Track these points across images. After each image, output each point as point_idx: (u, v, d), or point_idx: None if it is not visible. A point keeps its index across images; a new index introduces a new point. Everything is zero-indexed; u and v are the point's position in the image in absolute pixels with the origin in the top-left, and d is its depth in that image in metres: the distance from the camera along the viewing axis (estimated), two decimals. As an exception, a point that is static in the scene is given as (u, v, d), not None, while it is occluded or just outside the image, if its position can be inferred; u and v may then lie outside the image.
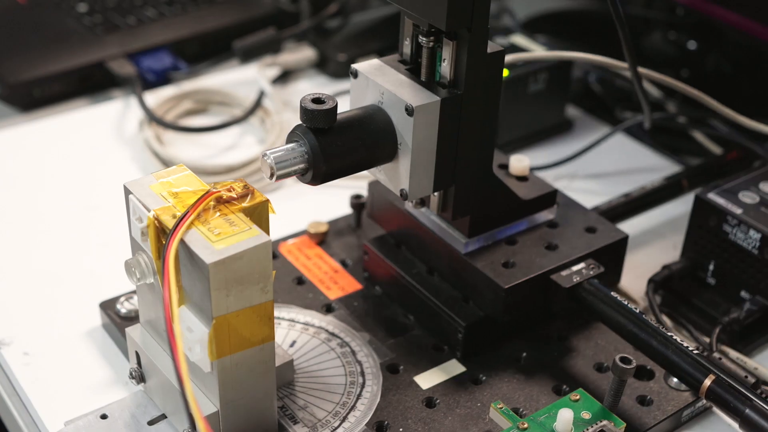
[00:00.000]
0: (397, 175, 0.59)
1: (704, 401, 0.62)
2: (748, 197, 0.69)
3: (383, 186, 0.68)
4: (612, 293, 0.62)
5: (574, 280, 0.62)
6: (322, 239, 0.74)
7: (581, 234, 0.66)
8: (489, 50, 0.57)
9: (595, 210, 0.73)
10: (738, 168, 0.83)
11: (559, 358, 0.64)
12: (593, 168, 0.87)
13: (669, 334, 0.59)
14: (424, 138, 0.57)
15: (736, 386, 0.55)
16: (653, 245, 0.78)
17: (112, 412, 0.58)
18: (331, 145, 0.55)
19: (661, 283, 0.70)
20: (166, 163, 0.84)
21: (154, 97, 0.93)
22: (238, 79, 0.98)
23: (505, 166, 0.68)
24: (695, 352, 0.57)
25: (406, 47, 0.60)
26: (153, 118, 0.88)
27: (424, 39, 0.57)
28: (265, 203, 0.53)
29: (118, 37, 1.00)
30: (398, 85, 0.58)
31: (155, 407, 0.58)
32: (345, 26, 1.05)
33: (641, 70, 0.72)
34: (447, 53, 0.57)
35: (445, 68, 0.57)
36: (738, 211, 0.67)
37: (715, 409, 0.63)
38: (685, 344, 0.58)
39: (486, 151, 0.61)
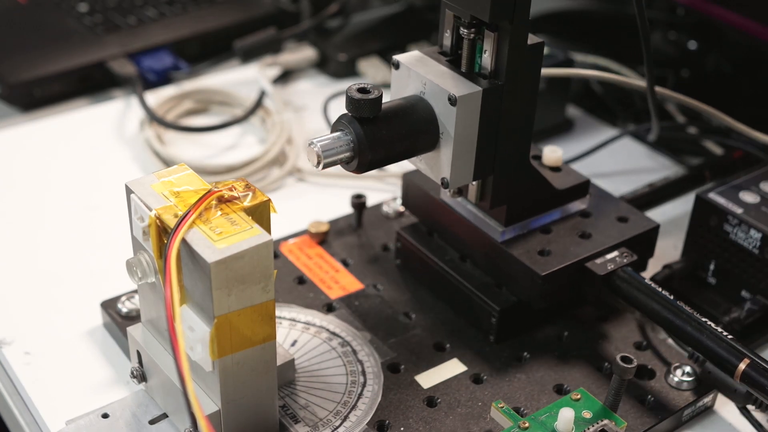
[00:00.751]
0: (438, 164, 0.60)
1: (706, 400, 0.62)
2: (748, 197, 0.69)
3: (417, 177, 0.69)
4: (646, 280, 0.62)
5: (609, 267, 0.63)
6: (323, 239, 0.74)
7: (613, 223, 0.67)
8: (529, 42, 0.58)
9: (622, 198, 0.74)
10: (736, 168, 0.83)
11: (560, 358, 0.64)
12: (594, 168, 0.87)
13: (703, 319, 0.59)
14: (465, 127, 0.58)
15: None
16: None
17: (114, 411, 0.58)
18: (376, 134, 0.56)
19: (662, 282, 0.70)
20: (167, 163, 0.84)
21: (154, 97, 0.93)
22: (239, 79, 0.98)
23: (538, 157, 0.69)
24: (730, 337, 0.58)
25: (446, 39, 0.61)
26: (154, 117, 0.88)
27: (465, 31, 0.58)
28: (267, 203, 0.53)
29: (119, 36, 1.00)
30: (440, 75, 0.59)
31: (156, 406, 0.58)
32: (345, 26, 1.06)
33: (659, 89, 0.73)
34: (488, 45, 0.58)
35: (486, 59, 0.58)
36: (738, 210, 0.67)
37: (716, 410, 0.63)
38: (719, 329, 0.59)
39: (524, 141, 0.62)
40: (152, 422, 0.57)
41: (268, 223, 0.53)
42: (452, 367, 0.63)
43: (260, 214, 0.53)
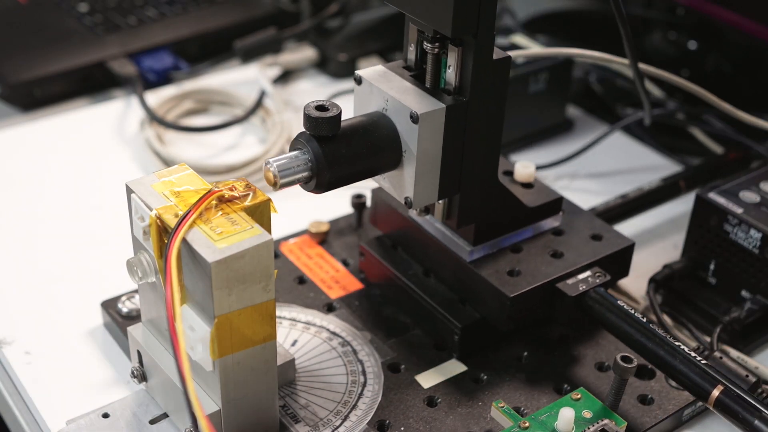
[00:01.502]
0: (401, 183, 0.58)
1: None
2: (748, 197, 0.69)
3: (386, 193, 0.67)
4: (619, 302, 0.61)
5: (580, 288, 0.62)
6: (323, 239, 0.74)
7: (587, 241, 0.65)
8: (495, 56, 0.56)
9: (593, 211, 0.73)
10: (736, 168, 0.83)
11: (560, 358, 0.64)
12: (594, 167, 0.87)
13: (676, 343, 0.58)
14: (429, 145, 0.56)
15: (745, 397, 0.55)
16: (654, 245, 0.78)
17: (114, 411, 0.58)
18: (335, 153, 0.55)
19: (662, 282, 0.70)
20: (168, 163, 0.84)
21: (155, 97, 0.93)
22: (239, 79, 0.98)
23: (510, 173, 0.67)
24: (703, 361, 0.57)
25: (411, 53, 0.60)
26: (154, 117, 0.88)
27: (429, 45, 0.57)
28: (267, 202, 0.53)
29: (119, 36, 1.00)
30: (403, 91, 0.57)
31: (157, 406, 0.58)
32: (345, 26, 1.06)
33: (642, 65, 0.72)
34: (452, 60, 0.56)
35: (450, 75, 0.57)
36: (739, 210, 0.67)
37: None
38: (693, 354, 0.57)
39: (492, 158, 0.60)
40: (153, 422, 0.57)
41: (268, 223, 0.53)
42: (452, 367, 0.63)
43: (261, 213, 0.53)
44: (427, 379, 0.62)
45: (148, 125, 0.88)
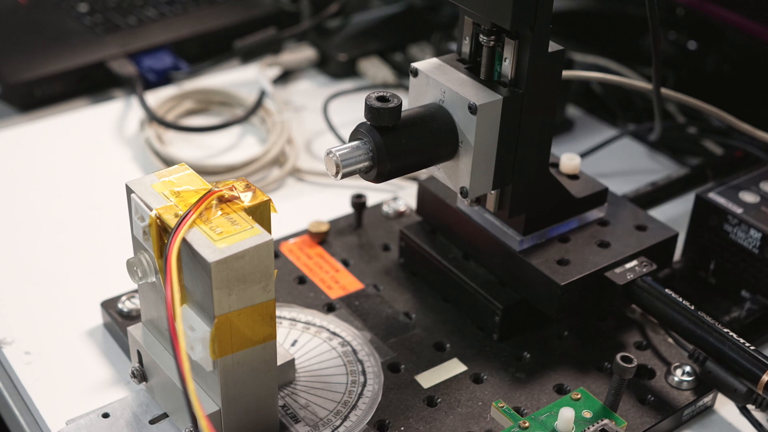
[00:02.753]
0: (457, 173, 0.59)
1: (706, 400, 0.62)
2: (748, 197, 0.69)
3: (433, 184, 0.69)
4: (666, 290, 0.62)
5: (628, 277, 0.63)
6: (323, 239, 0.74)
7: (632, 232, 0.66)
8: (549, 49, 0.57)
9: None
10: (736, 168, 0.83)
11: (560, 357, 0.64)
12: (594, 168, 0.87)
13: (725, 330, 0.59)
14: (485, 136, 0.58)
15: None
16: (654, 245, 0.78)
17: (114, 411, 0.58)
18: (396, 143, 0.56)
19: (662, 282, 0.70)
20: (167, 163, 0.84)
21: (154, 97, 0.93)
22: (239, 79, 0.98)
23: (555, 165, 0.68)
24: (752, 348, 0.58)
25: (465, 46, 0.60)
26: (154, 117, 0.88)
27: (485, 38, 0.58)
28: (267, 202, 0.53)
29: (119, 37, 1.00)
30: (459, 83, 0.58)
31: (157, 406, 0.58)
32: (345, 26, 1.06)
33: (665, 91, 0.73)
34: (509, 53, 0.57)
35: (506, 67, 0.58)
36: (738, 210, 0.67)
37: (716, 409, 0.63)
38: (741, 340, 0.58)
39: (544, 149, 0.61)
40: (153, 422, 0.57)
41: (268, 223, 0.53)
42: (452, 367, 0.63)
43: (261, 213, 0.53)
44: (427, 379, 0.62)
45: (148, 125, 0.88)
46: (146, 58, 0.98)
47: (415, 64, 0.60)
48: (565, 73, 0.82)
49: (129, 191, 0.53)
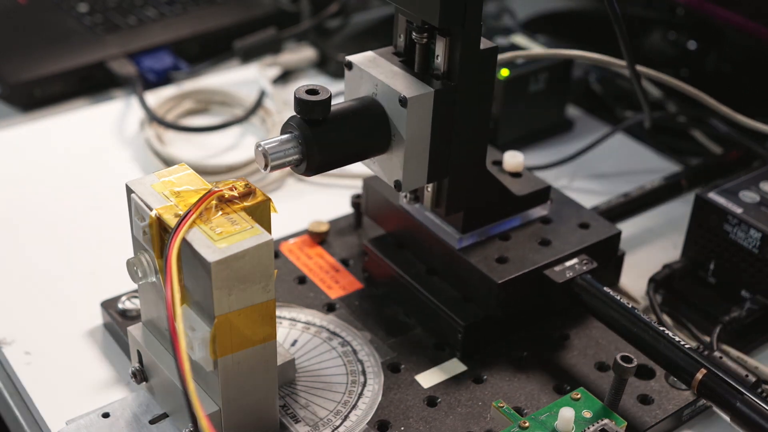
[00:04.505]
0: (391, 166, 0.59)
1: (704, 400, 0.62)
2: (748, 197, 0.69)
3: (378, 182, 0.68)
4: (605, 288, 0.62)
5: (567, 275, 0.63)
6: (323, 238, 0.74)
7: (574, 230, 0.66)
8: (482, 46, 0.57)
9: (595, 210, 0.73)
10: (738, 168, 0.83)
11: (560, 357, 0.64)
12: (593, 168, 0.87)
13: (661, 329, 0.59)
14: (417, 129, 0.57)
15: (728, 380, 0.56)
16: (654, 245, 0.78)
17: (114, 411, 0.58)
18: (326, 136, 0.56)
19: (662, 282, 0.70)
20: (167, 163, 0.84)
21: (154, 97, 0.93)
22: (239, 79, 0.98)
23: (499, 162, 0.68)
24: (687, 346, 0.58)
25: (400, 41, 0.61)
26: (154, 117, 0.88)
27: (417, 35, 0.58)
28: (267, 202, 0.53)
29: (119, 37, 1.00)
30: (392, 76, 0.58)
31: (157, 406, 0.58)
32: (345, 26, 1.06)
33: (640, 68, 0.72)
34: (440, 49, 0.57)
35: (439, 63, 0.58)
36: (738, 210, 0.67)
37: (715, 407, 0.63)
38: (677, 339, 0.58)
39: (479, 145, 0.61)
40: (153, 422, 0.57)
41: (268, 223, 0.54)
42: (452, 367, 0.63)
43: (260, 213, 0.53)
44: (427, 379, 0.62)
45: (148, 125, 0.88)
46: (146, 58, 0.98)
47: (349, 57, 0.60)
48: (544, 51, 0.81)
49: (129, 191, 0.53)
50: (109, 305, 0.67)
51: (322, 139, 0.56)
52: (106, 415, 0.57)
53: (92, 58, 0.96)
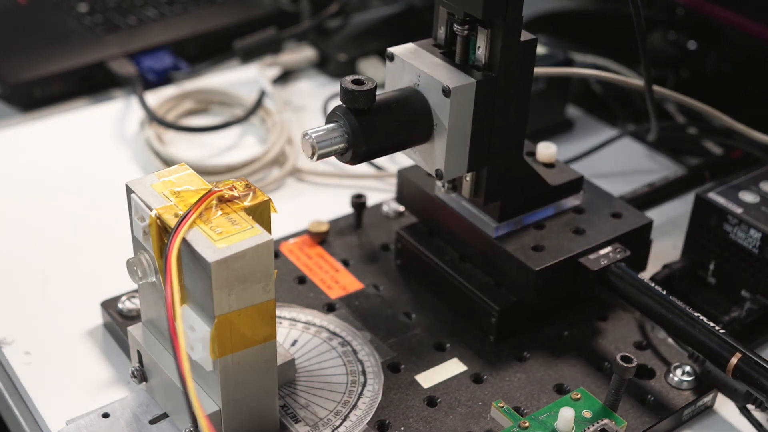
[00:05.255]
0: (432, 156, 0.60)
1: (706, 400, 0.62)
2: (748, 197, 0.69)
3: (413, 173, 0.70)
4: (639, 276, 0.63)
5: (602, 263, 0.63)
6: (323, 239, 0.74)
7: (607, 219, 0.67)
8: (522, 38, 0.58)
9: (622, 198, 0.74)
10: (736, 168, 0.83)
11: (560, 357, 0.64)
12: (594, 168, 0.87)
13: (695, 314, 0.60)
14: (459, 119, 0.58)
15: (763, 364, 0.56)
16: (654, 245, 0.78)
17: (114, 411, 0.58)
18: (371, 125, 0.57)
19: (662, 282, 0.70)
20: (167, 163, 0.84)
21: (154, 97, 0.93)
22: (239, 79, 0.98)
23: (532, 153, 0.69)
24: (722, 331, 0.59)
25: (440, 33, 0.61)
26: (154, 117, 0.88)
27: (458, 27, 0.59)
28: (267, 202, 0.53)
29: (119, 37, 1.00)
30: (434, 67, 0.59)
31: (157, 406, 0.58)
32: (345, 26, 1.06)
33: (657, 88, 0.73)
34: (481, 41, 0.58)
35: (480, 55, 0.59)
36: (738, 210, 0.67)
37: (716, 409, 0.63)
38: (712, 324, 0.59)
39: (518, 135, 0.62)
40: (153, 422, 0.57)
41: (268, 223, 0.54)
42: (452, 367, 0.63)
43: (260, 213, 0.53)
44: (427, 379, 0.62)
45: (148, 125, 0.88)
46: (146, 58, 0.98)
47: (391, 49, 0.61)
48: (562, 70, 0.82)
49: (129, 191, 0.53)
50: (109, 305, 0.67)
51: (367, 128, 0.57)
52: (106, 415, 0.57)
53: (92, 58, 0.96)
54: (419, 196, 0.70)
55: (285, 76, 1.00)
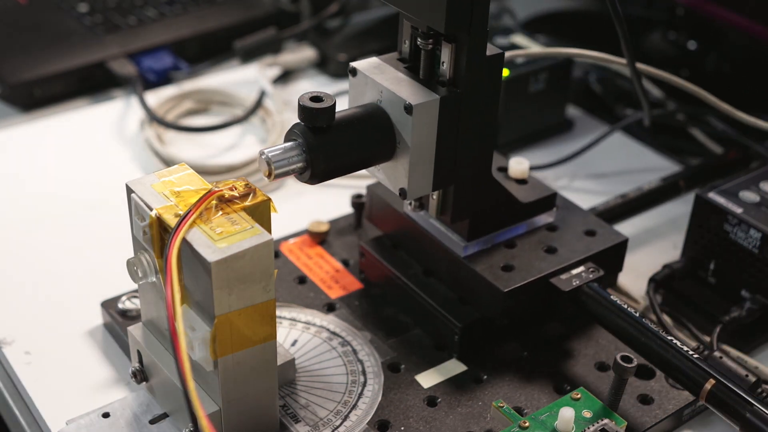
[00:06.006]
0: (396, 174, 0.59)
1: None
2: (748, 197, 0.69)
3: (382, 189, 0.68)
4: (612, 297, 0.61)
5: (574, 283, 0.62)
6: (323, 238, 0.74)
7: (581, 237, 0.66)
8: (488, 53, 0.57)
9: (593, 211, 0.73)
10: (736, 168, 0.83)
11: (560, 357, 0.64)
12: (593, 168, 0.87)
13: (669, 337, 0.58)
14: (423, 136, 0.57)
15: (737, 390, 0.55)
16: (654, 245, 0.78)
17: (114, 411, 0.58)
18: (330, 143, 0.55)
19: (662, 282, 0.70)
20: (167, 163, 0.84)
21: (154, 97, 0.93)
22: (239, 79, 0.98)
23: (504, 169, 0.68)
24: (695, 356, 0.57)
25: (405, 47, 0.60)
26: (154, 117, 0.88)
27: (422, 41, 0.57)
28: (267, 202, 0.53)
29: (119, 37, 1.00)
30: (397, 83, 0.57)
31: (157, 406, 0.58)
32: (345, 26, 1.06)
33: (640, 66, 0.72)
34: (446, 55, 0.57)
35: (444, 70, 0.57)
36: (738, 210, 0.67)
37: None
38: (685, 348, 0.58)
39: (485, 152, 0.60)
40: (153, 422, 0.57)
41: (268, 223, 0.53)
42: (452, 367, 0.63)
43: (261, 213, 0.53)
44: (427, 379, 0.62)
45: (148, 125, 0.88)
46: (146, 58, 0.98)
47: (353, 64, 0.60)
48: (543, 50, 0.81)
49: (129, 191, 0.53)
50: (109, 305, 0.67)
51: (326, 146, 0.55)
52: (106, 415, 0.57)
53: (92, 58, 0.96)
54: (388, 213, 0.68)
55: (285, 76, 1.00)
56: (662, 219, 0.80)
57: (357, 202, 0.75)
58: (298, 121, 0.55)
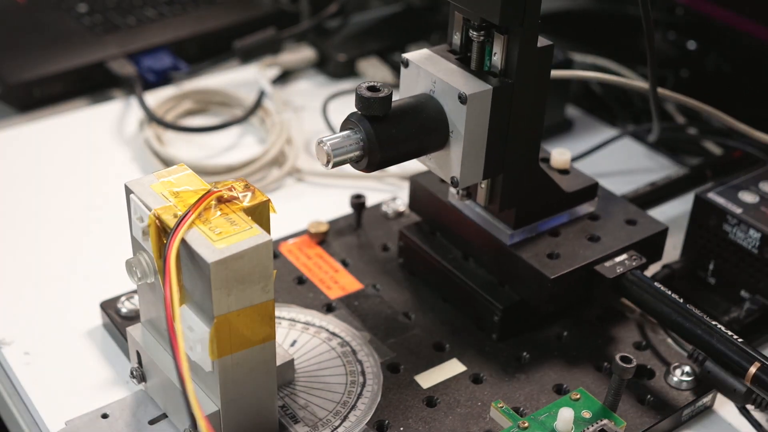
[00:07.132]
0: (448, 163, 0.60)
1: (705, 400, 0.62)
2: (748, 197, 0.69)
3: (425, 179, 0.69)
4: (656, 283, 0.62)
5: (618, 270, 0.63)
6: (322, 239, 0.74)
7: (622, 226, 0.67)
8: (539, 44, 0.58)
9: (624, 198, 0.74)
10: (737, 167, 0.83)
11: (559, 358, 0.64)
12: (594, 168, 0.87)
13: (713, 323, 0.59)
14: (475, 126, 0.58)
15: None
16: (653, 245, 0.78)
17: (113, 411, 0.58)
18: (386, 132, 0.56)
19: (662, 282, 0.70)
20: (167, 163, 0.84)
21: (154, 97, 0.93)
22: (238, 79, 0.98)
23: (546, 160, 0.69)
24: (740, 340, 0.58)
25: (456, 39, 0.61)
26: (153, 118, 0.88)
27: (474, 33, 0.58)
28: (266, 203, 0.53)
29: (118, 37, 1.00)
30: (450, 73, 0.59)
31: (156, 407, 0.58)
32: (345, 26, 1.06)
33: (661, 90, 0.73)
34: (498, 47, 0.58)
35: (496, 61, 0.58)
36: (738, 210, 0.67)
37: (715, 409, 0.63)
38: (729, 333, 0.59)
39: (534, 141, 0.62)
40: (152, 422, 0.57)
41: (267, 223, 0.53)
42: (452, 367, 0.63)
43: (260, 214, 0.53)
44: (426, 379, 0.62)
45: (148, 125, 0.88)
46: (145, 58, 0.98)
47: (405, 55, 0.60)
48: (563, 72, 0.82)
49: (128, 191, 0.53)
50: (108, 306, 0.67)
51: (383, 135, 0.56)
52: (105, 416, 0.57)
53: (92, 58, 0.96)
54: (432, 202, 0.69)
55: (284, 77, 1.00)
56: (662, 219, 0.80)
57: (356, 202, 0.75)
58: (355, 110, 0.56)
